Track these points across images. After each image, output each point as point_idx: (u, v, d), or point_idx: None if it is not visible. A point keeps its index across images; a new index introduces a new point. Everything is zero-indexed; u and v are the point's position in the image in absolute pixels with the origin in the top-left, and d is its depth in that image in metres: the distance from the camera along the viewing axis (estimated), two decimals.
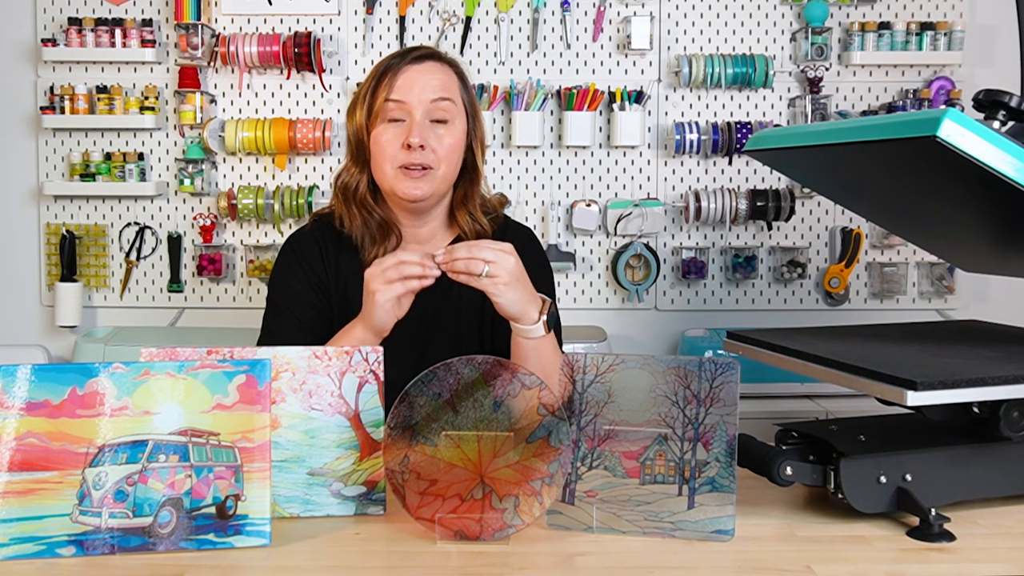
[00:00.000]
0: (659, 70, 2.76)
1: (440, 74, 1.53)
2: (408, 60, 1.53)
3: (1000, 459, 1.24)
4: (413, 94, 1.50)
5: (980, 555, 1.11)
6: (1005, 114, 1.23)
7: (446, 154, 1.51)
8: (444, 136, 1.51)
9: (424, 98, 1.50)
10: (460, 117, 1.54)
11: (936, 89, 2.71)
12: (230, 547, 1.11)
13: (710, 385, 1.15)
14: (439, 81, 1.52)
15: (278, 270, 1.62)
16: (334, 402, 1.22)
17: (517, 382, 1.16)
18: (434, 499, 1.14)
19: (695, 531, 1.14)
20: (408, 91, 1.50)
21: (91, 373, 1.10)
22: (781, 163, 1.65)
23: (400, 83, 1.50)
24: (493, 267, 1.35)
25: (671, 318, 2.80)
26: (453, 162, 1.54)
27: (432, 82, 1.51)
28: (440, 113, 1.51)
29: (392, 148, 1.50)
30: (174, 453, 1.11)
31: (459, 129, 1.54)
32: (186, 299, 2.78)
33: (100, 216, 2.77)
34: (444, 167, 1.52)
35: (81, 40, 2.66)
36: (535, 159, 2.76)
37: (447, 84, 1.53)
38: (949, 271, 2.79)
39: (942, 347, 1.39)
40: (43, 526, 1.08)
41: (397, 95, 1.50)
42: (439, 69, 1.54)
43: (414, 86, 1.50)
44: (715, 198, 2.69)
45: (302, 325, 1.52)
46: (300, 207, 2.66)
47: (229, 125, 2.65)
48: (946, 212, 1.49)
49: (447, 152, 1.51)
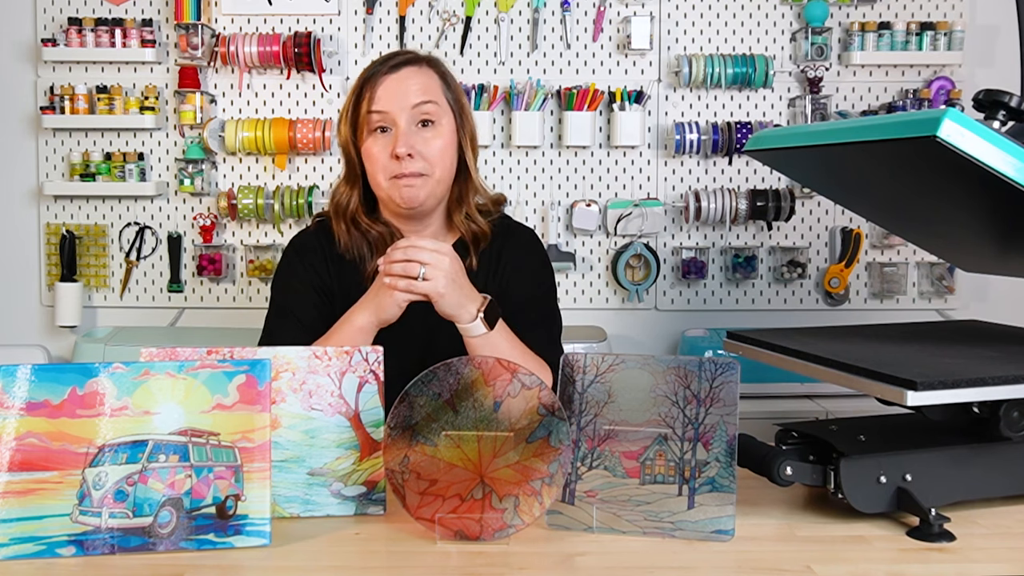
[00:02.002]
0: (659, 70, 2.76)
1: (419, 78, 1.53)
2: (385, 69, 1.53)
3: (1000, 459, 1.24)
4: (394, 103, 1.50)
5: (980, 555, 1.11)
6: (1005, 114, 1.23)
7: (437, 157, 1.51)
8: (432, 139, 1.51)
9: (405, 105, 1.50)
10: (447, 116, 1.54)
11: (936, 89, 2.71)
12: (230, 547, 1.11)
13: (710, 385, 1.15)
14: (419, 85, 1.52)
15: (280, 271, 1.62)
16: (334, 402, 1.22)
17: (517, 382, 1.16)
18: (434, 499, 1.14)
19: (695, 531, 1.14)
20: (389, 100, 1.50)
21: (91, 373, 1.10)
22: (781, 163, 1.65)
23: (380, 93, 1.51)
24: (429, 269, 1.36)
25: (671, 318, 2.80)
26: (447, 164, 1.53)
27: (412, 88, 1.51)
28: (424, 116, 1.51)
29: (383, 159, 1.50)
30: (174, 453, 1.11)
31: (447, 129, 1.53)
32: (186, 299, 2.78)
33: (100, 216, 2.77)
34: (438, 171, 1.52)
35: (81, 40, 2.66)
36: (535, 159, 2.76)
37: (428, 87, 1.53)
38: (949, 271, 2.79)
39: (942, 347, 1.39)
40: (43, 526, 1.08)
41: (378, 106, 1.50)
42: (418, 73, 1.54)
43: (394, 95, 1.50)
44: (715, 198, 2.69)
45: (303, 326, 1.52)
46: (300, 207, 2.66)
47: (229, 125, 2.65)
48: (946, 212, 1.49)
49: (438, 155, 1.51)
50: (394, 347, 1.31)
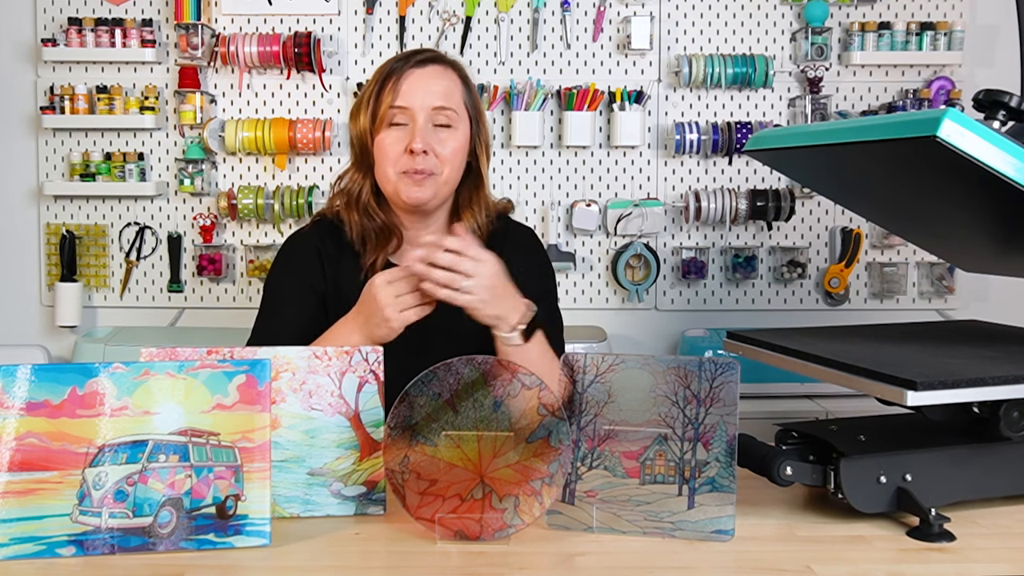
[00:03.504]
0: (659, 70, 2.76)
1: (444, 80, 1.53)
2: (412, 64, 1.52)
3: (1000, 459, 1.24)
4: (416, 99, 1.50)
5: (980, 555, 1.11)
6: (1005, 114, 1.23)
7: (449, 158, 1.51)
8: (447, 140, 1.51)
9: (427, 104, 1.50)
10: (463, 122, 1.54)
11: (936, 89, 2.71)
12: (230, 547, 1.11)
13: (710, 385, 1.15)
14: (442, 88, 1.52)
15: (273, 272, 1.62)
16: (334, 402, 1.22)
17: (517, 382, 1.16)
18: (434, 499, 1.14)
19: (695, 531, 1.14)
20: (412, 96, 1.50)
21: (91, 373, 1.10)
22: (781, 163, 1.65)
23: (404, 88, 1.50)
24: (471, 282, 1.34)
25: (671, 318, 2.80)
26: (456, 166, 1.53)
27: (435, 88, 1.51)
28: (443, 119, 1.51)
29: (395, 152, 1.50)
30: (174, 453, 1.11)
31: (462, 133, 1.54)
32: (186, 299, 2.78)
33: (100, 216, 2.77)
34: (447, 171, 1.52)
35: (81, 40, 2.66)
36: (535, 159, 2.76)
37: (450, 91, 1.53)
38: (949, 271, 2.79)
39: (942, 347, 1.39)
40: (43, 526, 1.08)
41: (401, 101, 1.50)
42: (443, 74, 1.54)
43: (417, 91, 1.50)
44: (715, 198, 2.69)
45: (291, 329, 1.50)
46: (300, 207, 2.66)
47: (229, 125, 2.65)
48: (946, 212, 1.49)
49: (450, 156, 1.51)
50: (394, 347, 1.31)
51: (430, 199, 1.51)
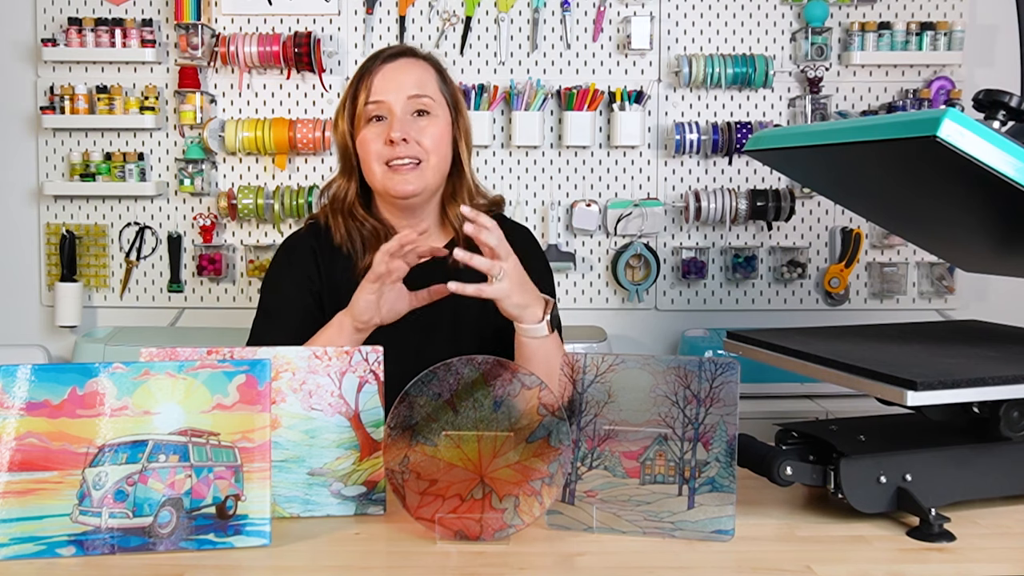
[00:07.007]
0: (659, 70, 2.76)
1: (416, 69, 1.54)
2: (382, 60, 1.54)
3: (1000, 459, 1.24)
4: (391, 92, 1.51)
5: (980, 555, 1.11)
6: (1005, 114, 1.23)
7: (433, 145, 1.52)
8: (427, 128, 1.52)
9: (401, 95, 1.51)
10: (442, 110, 1.55)
11: (936, 89, 2.71)
12: (230, 547, 1.11)
13: (710, 385, 1.15)
14: (415, 77, 1.53)
15: (269, 273, 1.62)
16: (334, 402, 1.22)
17: (517, 382, 1.16)
18: (434, 499, 1.14)
19: (695, 531, 1.14)
20: (385, 90, 1.51)
21: (91, 373, 1.10)
22: (781, 163, 1.65)
23: (377, 84, 1.52)
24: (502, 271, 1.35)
25: (671, 318, 2.80)
26: (442, 153, 1.54)
27: (408, 79, 1.52)
28: (420, 107, 1.52)
29: (376, 145, 1.51)
30: (174, 453, 1.11)
31: (442, 121, 1.54)
32: (186, 299, 2.78)
33: (100, 216, 2.77)
34: (433, 158, 1.52)
35: (81, 40, 2.66)
36: (535, 159, 2.76)
37: (424, 80, 1.54)
38: (949, 271, 2.79)
39: (942, 347, 1.39)
40: (43, 526, 1.08)
41: (376, 95, 1.51)
42: (414, 65, 1.55)
43: (390, 84, 1.51)
44: (715, 198, 2.69)
45: (289, 330, 1.50)
46: (300, 207, 2.66)
47: (229, 125, 2.65)
48: (946, 212, 1.49)
49: (433, 143, 1.52)
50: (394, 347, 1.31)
51: (419, 191, 1.51)
